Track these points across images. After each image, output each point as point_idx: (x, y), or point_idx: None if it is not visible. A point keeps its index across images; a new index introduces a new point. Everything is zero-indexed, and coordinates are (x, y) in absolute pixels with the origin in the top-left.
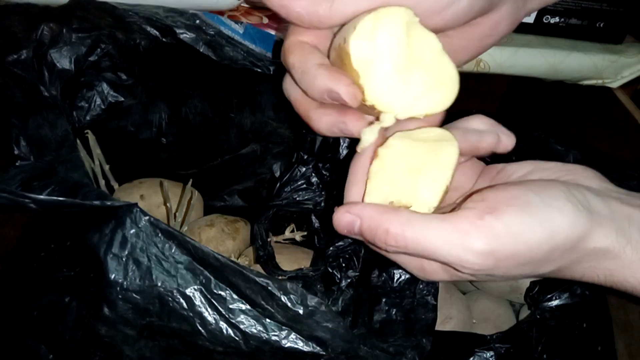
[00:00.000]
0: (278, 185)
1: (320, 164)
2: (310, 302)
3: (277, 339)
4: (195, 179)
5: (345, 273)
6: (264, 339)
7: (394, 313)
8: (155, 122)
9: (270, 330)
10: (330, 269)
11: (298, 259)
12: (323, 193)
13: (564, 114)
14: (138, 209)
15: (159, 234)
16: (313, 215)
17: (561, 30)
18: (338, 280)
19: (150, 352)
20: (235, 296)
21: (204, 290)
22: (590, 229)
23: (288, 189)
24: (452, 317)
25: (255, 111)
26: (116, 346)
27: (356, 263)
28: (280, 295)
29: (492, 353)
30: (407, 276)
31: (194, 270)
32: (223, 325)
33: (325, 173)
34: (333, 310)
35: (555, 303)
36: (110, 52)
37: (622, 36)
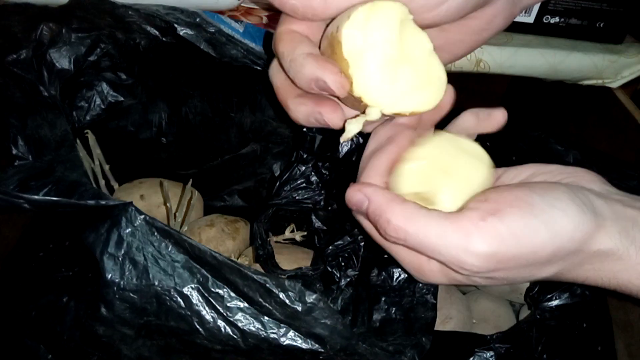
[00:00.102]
0: (277, 184)
1: (319, 162)
2: (308, 299)
3: (276, 336)
4: (195, 179)
5: (345, 272)
6: (262, 336)
7: (393, 312)
8: (155, 122)
9: (269, 327)
10: (329, 268)
11: (298, 259)
12: (322, 192)
13: (564, 114)
14: (133, 208)
15: (155, 233)
16: (313, 215)
17: (561, 30)
18: (337, 279)
19: (149, 352)
20: (232, 294)
21: (201, 288)
22: (594, 230)
23: (287, 187)
24: (452, 317)
25: (255, 110)
26: (114, 346)
27: (355, 262)
28: (278, 292)
29: (492, 353)
30: (407, 275)
31: (191, 268)
32: (221, 323)
33: (324, 172)
34: (331, 307)
35: (555, 303)
36: (110, 52)
37: (622, 36)
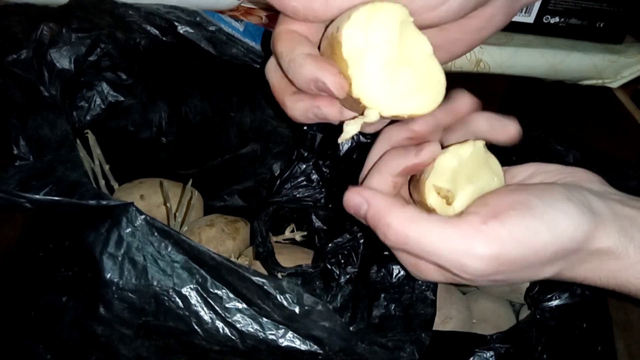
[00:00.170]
0: (278, 182)
1: (320, 161)
2: (306, 302)
3: (274, 337)
4: (195, 179)
5: (344, 269)
6: (261, 337)
7: (392, 308)
8: (155, 122)
9: (267, 329)
10: (329, 266)
11: (298, 259)
12: (323, 190)
13: (564, 114)
14: (134, 208)
15: (155, 233)
16: (313, 215)
17: (561, 30)
18: (337, 277)
19: (147, 352)
20: (231, 295)
21: (200, 289)
22: (594, 229)
23: (288, 186)
24: (452, 317)
25: (255, 109)
26: (112, 346)
27: (355, 259)
28: (276, 295)
29: (492, 353)
30: (406, 272)
31: (190, 269)
32: (219, 324)
33: (325, 170)
34: (330, 309)
35: (555, 303)
36: (110, 52)
37: (622, 36)
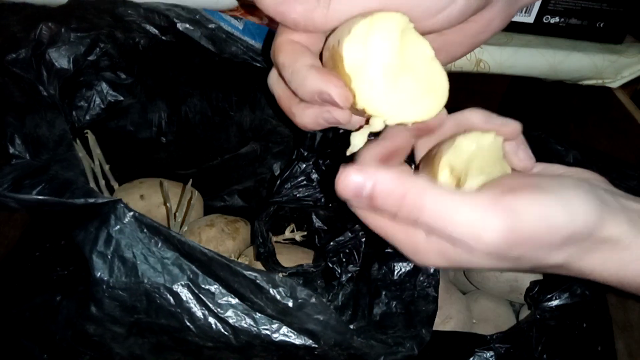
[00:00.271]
0: (278, 182)
1: (320, 160)
2: (299, 295)
3: (268, 332)
4: (195, 179)
5: (346, 268)
6: (254, 333)
7: (394, 305)
8: (154, 122)
9: (261, 324)
10: (330, 264)
11: (298, 259)
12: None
13: (564, 114)
14: (122, 205)
15: (144, 230)
16: (313, 215)
17: (561, 30)
18: (338, 275)
19: (140, 350)
20: (223, 290)
21: (191, 285)
22: (604, 217)
23: (288, 185)
24: (452, 317)
25: (254, 109)
26: (105, 344)
27: (357, 258)
28: (269, 288)
29: (492, 353)
30: (408, 269)
31: (180, 265)
32: (212, 320)
33: (325, 169)
34: (324, 302)
35: (555, 303)
36: (110, 52)
37: (622, 36)
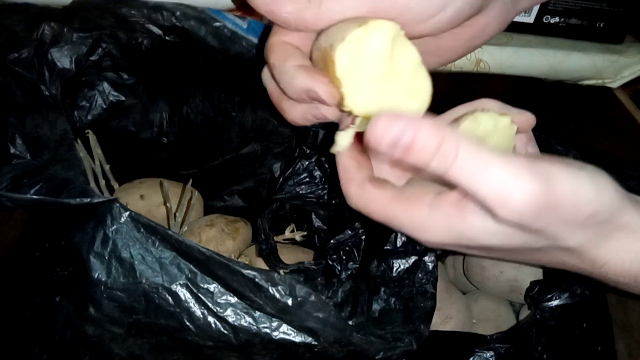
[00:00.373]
0: (281, 179)
1: (323, 157)
2: (299, 293)
3: (268, 330)
4: (195, 179)
5: (345, 265)
6: (254, 331)
7: (392, 302)
8: (156, 122)
9: (260, 322)
10: (330, 262)
11: (298, 258)
12: (326, 186)
13: (564, 114)
14: (118, 205)
15: (141, 229)
16: (313, 215)
17: (561, 30)
18: (338, 273)
19: (140, 350)
20: (222, 289)
21: (190, 284)
22: (625, 203)
23: (291, 182)
24: (452, 317)
25: (256, 109)
26: (104, 345)
27: (356, 255)
28: (268, 287)
29: (492, 353)
30: (407, 266)
31: (178, 264)
32: (211, 319)
33: (327, 166)
34: (323, 299)
35: (555, 303)
36: (112, 52)
37: (622, 36)
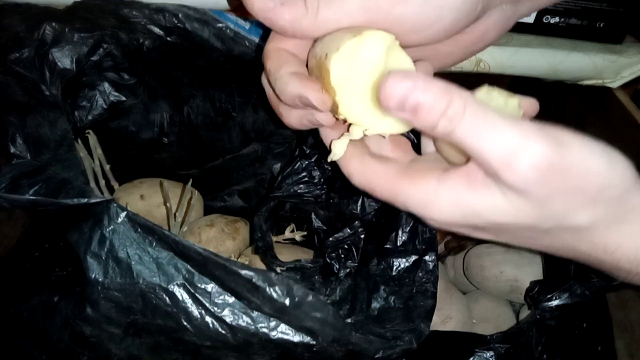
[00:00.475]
0: (280, 177)
1: (322, 158)
2: (296, 293)
3: (266, 330)
4: (195, 179)
5: (344, 263)
6: (252, 331)
7: (392, 300)
8: (156, 122)
9: (258, 322)
10: (328, 260)
11: (298, 258)
12: (324, 187)
13: (564, 114)
14: (115, 205)
15: (138, 230)
16: (313, 215)
17: (561, 30)
18: (336, 271)
19: (138, 350)
20: (220, 289)
21: (187, 285)
22: (637, 182)
23: (289, 181)
24: (452, 317)
25: (257, 109)
26: (102, 345)
27: (355, 254)
28: (265, 287)
29: (492, 353)
30: (407, 265)
31: (176, 265)
32: (209, 319)
33: (327, 167)
34: (321, 299)
35: (555, 303)
36: (113, 52)
37: (622, 36)
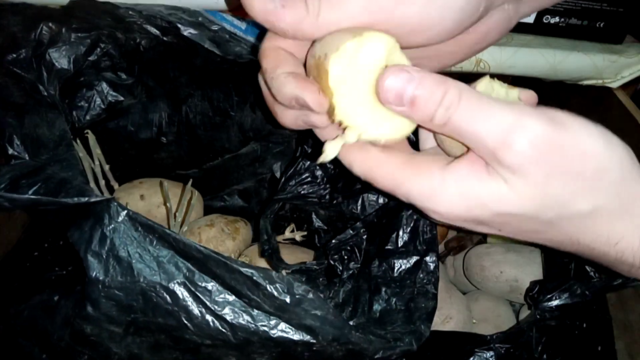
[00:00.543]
0: (283, 179)
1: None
2: (297, 291)
3: (266, 329)
4: (195, 179)
5: (347, 265)
6: (252, 329)
7: (393, 302)
8: (155, 122)
9: (258, 320)
10: (332, 262)
11: (298, 258)
12: (328, 186)
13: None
14: (115, 204)
15: (139, 228)
16: (313, 215)
17: (561, 30)
18: (340, 273)
19: (138, 349)
20: (220, 288)
21: (187, 283)
22: (636, 170)
23: (293, 182)
24: (452, 317)
25: (255, 109)
26: (103, 344)
27: (358, 255)
28: (266, 285)
29: (492, 353)
30: (408, 266)
31: (176, 263)
32: (209, 317)
33: (330, 166)
34: (321, 297)
35: (555, 303)
36: (110, 52)
37: (622, 36)
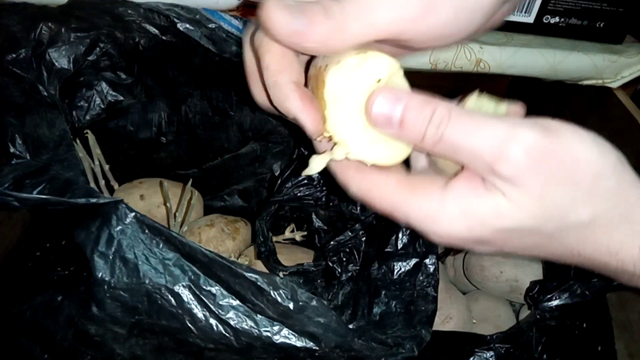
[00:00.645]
0: (279, 181)
1: None
2: (301, 297)
3: (269, 334)
4: (195, 179)
5: (346, 267)
6: (255, 334)
7: (393, 305)
8: (154, 122)
9: (262, 325)
10: (330, 264)
11: (298, 258)
12: (324, 188)
13: (564, 114)
14: (124, 206)
15: (146, 230)
16: (313, 215)
17: (561, 30)
18: (339, 275)
19: (142, 350)
20: (224, 292)
21: (192, 286)
22: (636, 182)
23: (289, 184)
24: (452, 317)
25: (255, 108)
26: (107, 345)
27: (357, 257)
28: (270, 291)
29: (492, 353)
30: (407, 268)
31: (182, 266)
32: (213, 321)
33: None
34: (325, 304)
35: (555, 303)
36: (109, 52)
37: (622, 36)
